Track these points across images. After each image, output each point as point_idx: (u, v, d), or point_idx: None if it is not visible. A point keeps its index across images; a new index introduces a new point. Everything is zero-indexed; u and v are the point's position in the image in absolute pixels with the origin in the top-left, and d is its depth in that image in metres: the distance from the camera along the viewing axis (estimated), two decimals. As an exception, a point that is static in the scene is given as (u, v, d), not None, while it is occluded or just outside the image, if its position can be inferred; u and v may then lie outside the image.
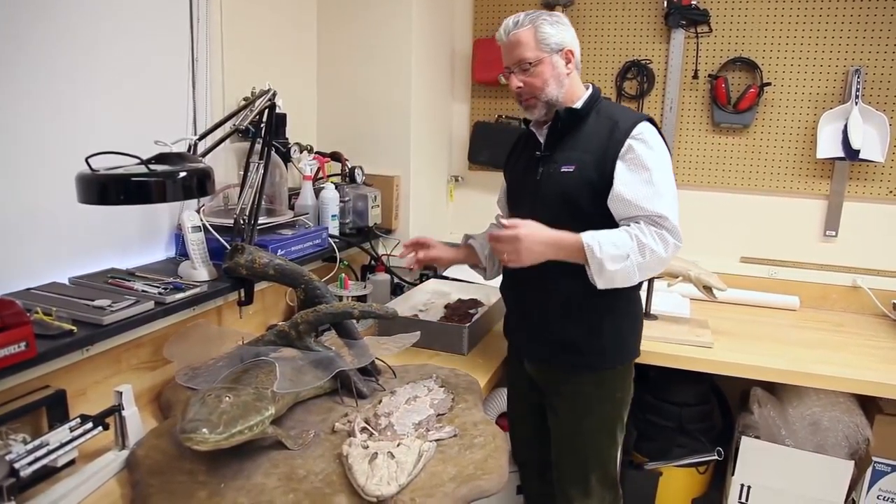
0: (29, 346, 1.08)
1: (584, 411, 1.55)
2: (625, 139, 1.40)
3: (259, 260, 1.44)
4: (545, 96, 1.48)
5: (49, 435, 1.06)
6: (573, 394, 1.55)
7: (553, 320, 1.52)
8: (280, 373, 1.24)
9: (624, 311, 1.54)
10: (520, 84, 1.48)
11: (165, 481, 1.10)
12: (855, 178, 2.31)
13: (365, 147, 2.36)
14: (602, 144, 1.43)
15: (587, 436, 1.56)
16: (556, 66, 1.47)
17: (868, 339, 2.08)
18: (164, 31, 1.66)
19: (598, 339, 1.51)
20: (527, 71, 1.46)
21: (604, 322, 1.50)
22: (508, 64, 1.50)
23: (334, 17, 2.33)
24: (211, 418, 1.05)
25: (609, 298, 1.44)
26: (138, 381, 1.40)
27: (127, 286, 1.42)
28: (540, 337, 1.56)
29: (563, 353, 1.52)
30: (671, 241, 1.36)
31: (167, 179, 1.13)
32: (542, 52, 1.45)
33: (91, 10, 1.44)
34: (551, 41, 1.45)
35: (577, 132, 1.49)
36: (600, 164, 1.42)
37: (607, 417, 1.57)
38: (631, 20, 2.46)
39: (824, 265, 2.38)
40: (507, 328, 1.72)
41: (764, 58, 2.32)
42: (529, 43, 1.45)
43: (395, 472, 1.08)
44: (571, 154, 1.47)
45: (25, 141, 1.32)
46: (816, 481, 1.94)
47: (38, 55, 1.33)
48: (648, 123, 1.44)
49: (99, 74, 1.47)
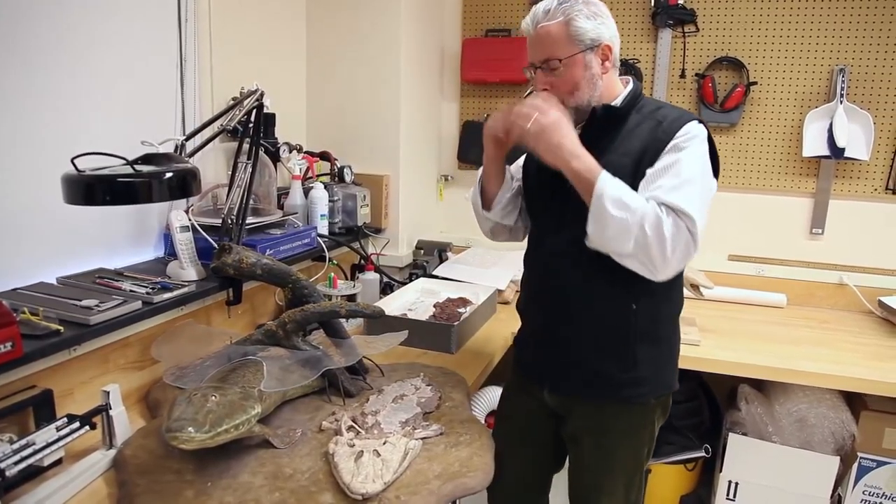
0: (15, 346, 1.08)
1: (614, 445, 1.40)
2: (669, 140, 1.22)
3: (246, 260, 1.44)
4: (574, 101, 1.28)
5: (35, 434, 1.06)
6: (602, 427, 1.39)
7: (585, 348, 1.35)
8: (267, 371, 1.24)
9: (660, 338, 1.37)
10: (545, 87, 1.29)
11: (153, 481, 1.10)
12: (840, 176, 2.33)
13: (354, 146, 2.37)
14: (643, 146, 1.25)
15: (617, 469, 1.42)
16: (589, 65, 1.26)
17: (854, 335, 2.10)
18: (153, 31, 1.66)
19: (634, 371, 1.34)
20: (555, 70, 1.27)
21: (638, 350, 1.33)
22: (534, 60, 1.30)
23: (323, 17, 2.33)
24: (197, 417, 1.05)
25: (644, 322, 1.31)
26: (126, 380, 1.40)
27: (115, 286, 1.42)
28: (566, 364, 1.39)
29: (596, 384, 1.36)
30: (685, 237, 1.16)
31: (153, 180, 1.13)
32: (575, 49, 1.24)
33: (80, 10, 1.44)
34: (587, 37, 1.24)
35: (615, 133, 1.30)
36: (637, 168, 1.24)
37: (637, 450, 1.42)
38: (618, 19, 2.42)
39: (811, 263, 2.40)
40: (523, 346, 1.55)
41: (750, 57, 2.34)
42: (560, 38, 1.24)
43: (380, 470, 1.08)
44: (609, 158, 1.25)
45: (12, 141, 1.32)
46: (803, 477, 1.96)
47: (25, 55, 1.33)
48: (699, 123, 1.25)
49: (87, 75, 1.48)
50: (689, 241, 1.17)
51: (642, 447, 1.42)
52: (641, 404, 1.37)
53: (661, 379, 1.39)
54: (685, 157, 1.21)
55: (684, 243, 1.16)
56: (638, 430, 1.40)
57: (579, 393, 1.40)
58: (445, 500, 1.09)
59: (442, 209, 2.81)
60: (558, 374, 1.41)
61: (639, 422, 1.40)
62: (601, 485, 1.43)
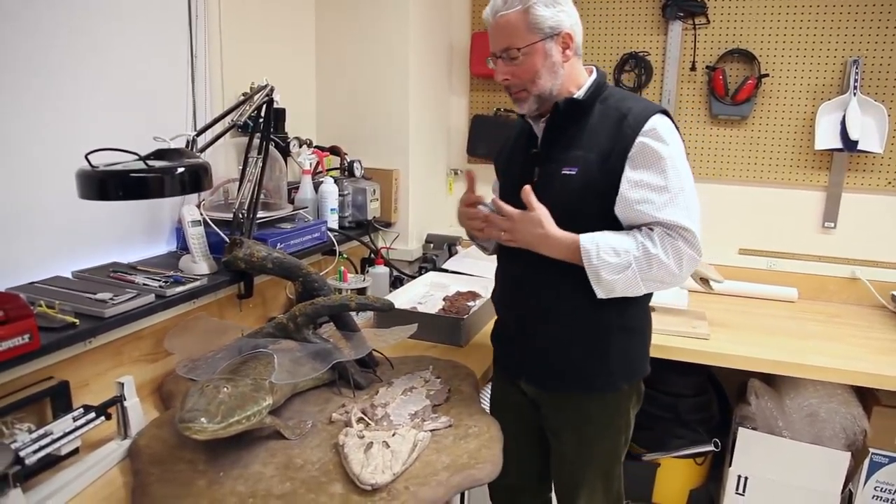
0: (33, 339, 1.11)
1: (592, 436, 1.42)
2: (635, 136, 1.23)
3: (257, 254, 1.46)
4: (536, 89, 1.29)
5: (53, 424, 1.09)
6: (578, 419, 1.42)
7: (555, 340, 1.37)
8: (278, 364, 1.26)
9: (631, 328, 1.39)
10: (506, 76, 1.30)
11: (166, 470, 1.13)
12: (853, 169, 2.31)
13: (364, 141, 2.38)
14: (608, 141, 1.25)
15: (595, 460, 1.44)
16: (549, 53, 1.26)
17: (866, 330, 2.08)
18: (164, 28, 1.68)
19: (606, 362, 1.36)
20: (515, 59, 1.27)
21: (611, 342, 1.35)
22: (494, 50, 1.30)
23: (332, 12, 2.34)
24: (209, 408, 1.07)
25: (615, 315, 1.33)
26: (139, 372, 1.42)
27: (128, 280, 1.45)
28: (540, 357, 1.41)
29: (567, 376, 1.38)
30: (687, 253, 1.21)
31: (165, 175, 1.15)
32: (534, 38, 1.25)
33: (92, 7, 1.46)
34: (546, 24, 1.24)
35: (579, 126, 1.30)
36: (606, 164, 1.25)
37: (615, 439, 1.44)
38: (628, 12, 2.46)
39: (823, 257, 2.38)
40: (498, 340, 1.57)
41: (762, 49, 2.32)
42: (519, 27, 1.24)
43: (389, 461, 1.10)
44: (574, 153, 1.28)
45: (28, 137, 1.34)
46: (813, 472, 1.95)
47: (39, 52, 1.36)
48: (663, 116, 1.26)
49: (100, 71, 1.50)
50: (692, 253, 1.22)
51: (619, 435, 1.44)
52: (615, 392, 1.40)
53: (632, 367, 1.41)
54: (667, 166, 1.22)
55: (688, 257, 1.22)
56: (614, 418, 1.42)
57: (554, 385, 1.42)
58: (454, 491, 1.11)
59: (451, 203, 2.81)
60: (533, 367, 1.44)
61: (614, 410, 1.42)
62: (581, 477, 1.46)
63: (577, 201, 1.28)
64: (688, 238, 1.21)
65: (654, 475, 2.20)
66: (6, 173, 1.31)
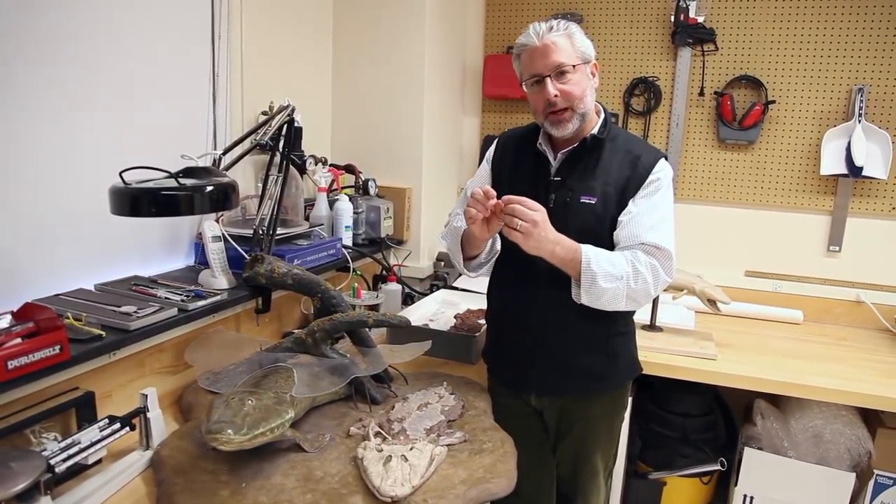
0: (63, 350, 1.14)
1: (599, 429, 1.58)
2: (647, 175, 1.40)
3: (278, 269, 1.49)
4: (582, 108, 1.38)
5: (80, 434, 1.12)
6: (588, 417, 1.56)
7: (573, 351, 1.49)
8: (298, 378, 1.29)
9: (627, 332, 1.56)
10: (556, 92, 1.35)
11: (189, 480, 1.15)
12: (858, 194, 2.34)
13: (378, 159, 2.42)
14: (624, 178, 1.40)
15: (602, 449, 1.61)
16: (589, 76, 1.41)
17: (871, 353, 2.10)
18: (188, 48, 1.73)
19: (616, 363, 1.53)
20: (564, 75, 1.36)
21: (617, 346, 1.52)
22: (542, 70, 1.36)
23: (348, 33, 2.40)
24: (235, 420, 1.10)
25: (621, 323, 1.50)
26: (160, 384, 1.45)
27: (150, 293, 1.48)
28: (559, 368, 1.50)
29: (584, 382, 1.52)
30: (662, 275, 1.37)
31: (195, 193, 1.18)
32: (579, 60, 1.37)
33: (120, 34, 1.51)
34: (584, 50, 1.38)
35: (593, 160, 1.43)
36: (622, 197, 1.40)
37: (615, 427, 1.64)
38: (639, 38, 2.51)
39: (828, 279, 2.41)
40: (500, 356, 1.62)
41: (769, 76, 2.37)
42: (567, 48, 1.35)
43: (408, 475, 1.12)
44: (590, 183, 1.42)
45: (56, 154, 1.38)
46: (818, 493, 1.96)
47: (72, 75, 1.40)
48: (666, 161, 1.45)
49: (126, 91, 1.54)
50: (664, 276, 1.38)
51: (619, 422, 1.64)
52: (622, 388, 1.61)
53: (633, 365, 1.61)
54: (660, 201, 1.41)
55: (662, 281, 1.38)
56: (620, 410, 1.63)
57: (568, 392, 1.54)
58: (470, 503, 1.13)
59: (461, 221, 2.85)
60: (546, 379, 1.53)
61: (620, 403, 1.62)
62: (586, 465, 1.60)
63: (594, 225, 1.41)
64: (666, 260, 1.37)
65: (661, 494, 2.21)
66: (38, 188, 1.35)
